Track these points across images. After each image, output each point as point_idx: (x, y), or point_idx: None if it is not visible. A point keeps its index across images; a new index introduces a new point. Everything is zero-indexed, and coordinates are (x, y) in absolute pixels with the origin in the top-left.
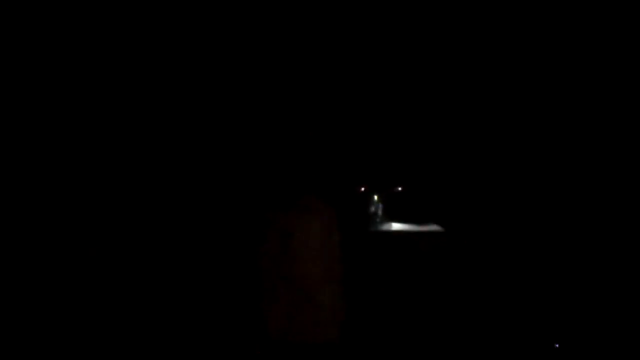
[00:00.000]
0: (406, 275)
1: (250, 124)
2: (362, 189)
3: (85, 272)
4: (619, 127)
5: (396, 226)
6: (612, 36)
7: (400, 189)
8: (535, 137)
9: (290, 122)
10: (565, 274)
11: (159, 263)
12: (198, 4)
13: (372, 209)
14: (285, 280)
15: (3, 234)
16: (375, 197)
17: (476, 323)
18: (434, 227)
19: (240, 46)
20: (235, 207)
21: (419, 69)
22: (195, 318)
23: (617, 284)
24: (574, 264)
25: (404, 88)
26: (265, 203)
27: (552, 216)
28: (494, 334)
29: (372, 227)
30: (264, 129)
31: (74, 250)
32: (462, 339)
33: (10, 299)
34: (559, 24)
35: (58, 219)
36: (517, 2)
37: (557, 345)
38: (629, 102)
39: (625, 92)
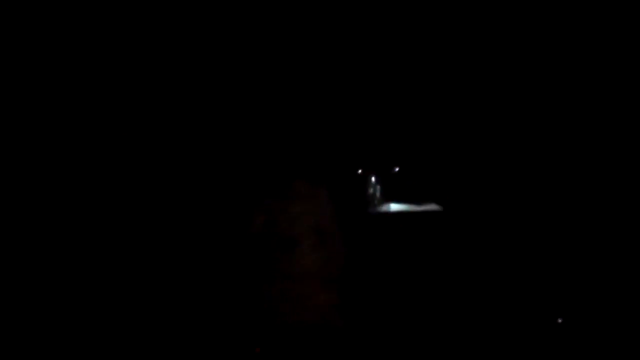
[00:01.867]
0: (406, 255)
1: (239, 108)
2: (359, 170)
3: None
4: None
5: (395, 207)
6: (612, 36)
7: (397, 169)
8: (539, 120)
9: (281, 107)
10: (566, 260)
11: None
12: None
13: (370, 190)
14: (280, 267)
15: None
16: (373, 179)
17: (477, 304)
18: (433, 207)
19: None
20: (224, 197)
21: (411, 49)
22: (189, 307)
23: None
24: (578, 251)
25: (397, 67)
26: (254, 191)
27: (556, 199)
28: (494, 314)
29: (371, 208)
30: (253, 114)
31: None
32: (462, 320)
33: (9, 299)
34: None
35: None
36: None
37: (560, 320)
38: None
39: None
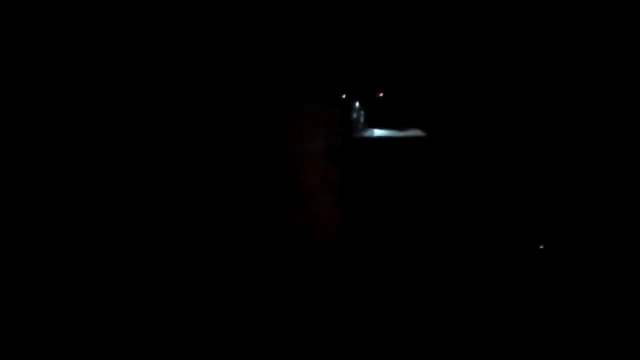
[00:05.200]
0: (391, 179)
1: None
2: (344, 95)
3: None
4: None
5: (378, 132)
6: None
7: (381, 95)
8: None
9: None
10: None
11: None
12: None
13: (354, 115)
14: (287, 185)
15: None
16: (357, 104)
17: (459, 228)
18: (416, 132)
19: None
20: (235, 117)
21: None
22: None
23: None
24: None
25: None
26: (264, 111)
27: (542, 123)
28: (476, 239)
29: (355, 133)
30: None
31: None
32: (444, 245)
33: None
34: None
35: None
36: None
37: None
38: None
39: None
